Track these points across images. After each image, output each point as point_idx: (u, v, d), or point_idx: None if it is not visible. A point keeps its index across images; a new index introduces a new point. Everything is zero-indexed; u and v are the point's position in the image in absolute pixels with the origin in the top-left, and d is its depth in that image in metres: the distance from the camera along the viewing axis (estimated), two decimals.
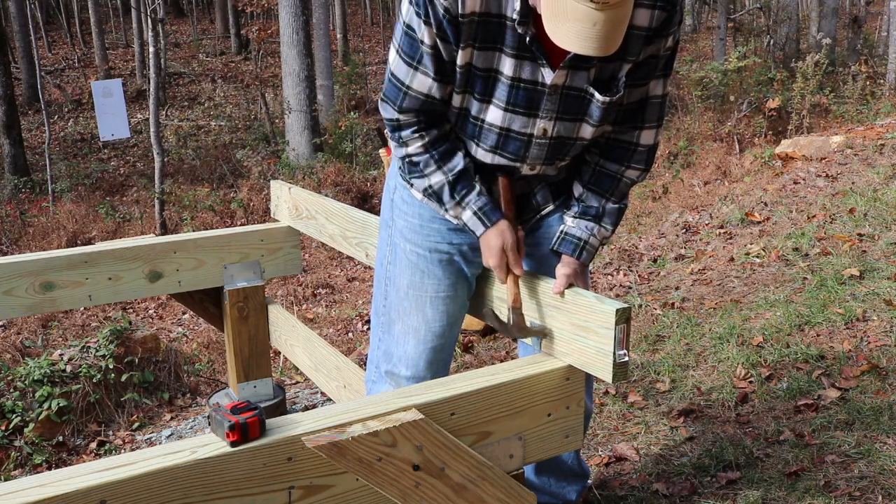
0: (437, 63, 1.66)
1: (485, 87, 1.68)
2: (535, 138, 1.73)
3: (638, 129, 1.80)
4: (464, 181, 1.77)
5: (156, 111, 9.53)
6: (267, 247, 2.95)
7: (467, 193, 1.77)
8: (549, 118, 1.70)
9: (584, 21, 1.41)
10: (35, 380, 3.74)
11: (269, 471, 1.41)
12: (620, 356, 1.60)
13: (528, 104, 1.68)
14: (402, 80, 1.71)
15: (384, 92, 1.77)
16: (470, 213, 1.77)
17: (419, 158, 1.77)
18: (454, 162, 1.77)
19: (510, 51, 1.63)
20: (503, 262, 1.77)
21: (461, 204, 1.77)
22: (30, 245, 9.06)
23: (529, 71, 1.65)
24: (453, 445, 1.55)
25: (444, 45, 1.63)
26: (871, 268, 3.86)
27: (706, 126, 10.40)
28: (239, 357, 3.02)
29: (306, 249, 8.14)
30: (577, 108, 1.70)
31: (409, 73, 1.69)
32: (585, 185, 1.85)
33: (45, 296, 2.56)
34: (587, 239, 1.82)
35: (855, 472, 2.29)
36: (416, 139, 1.75)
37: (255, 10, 14.99)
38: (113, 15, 25.26)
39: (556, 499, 2.17)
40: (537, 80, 1.66)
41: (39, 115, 14.29)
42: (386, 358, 2.00)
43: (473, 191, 1.77)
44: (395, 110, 1.74)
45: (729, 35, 13.98)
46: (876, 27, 17.22)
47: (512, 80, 1.65)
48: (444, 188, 1.77)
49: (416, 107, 1.72)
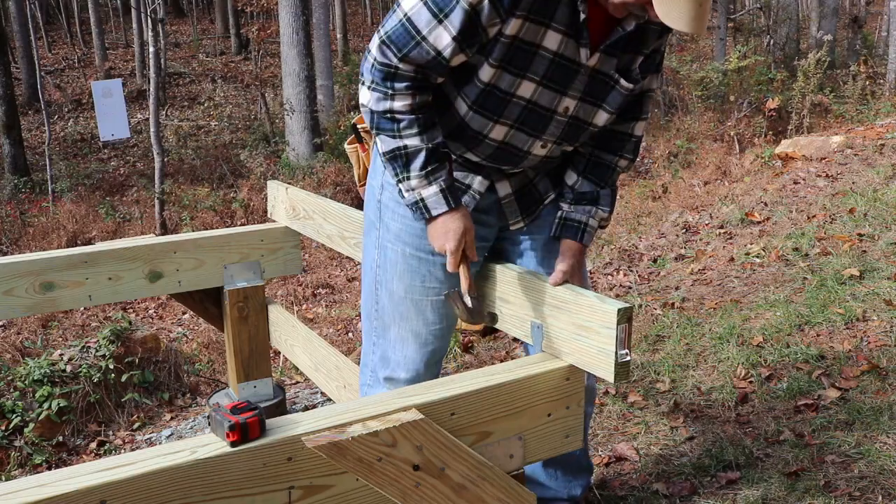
0: (469, 22, 1.58)
1: (523, 60, 1.67)
2: (556, 115, 1.75)
3: (635, 121, 1.87)
4: (440, 154, 1.71)
5: (156, 111, 9.53)
6: (267, 247, 2.95)
7: (440, 169, 1.71)
8: (575, 97, 1.73)
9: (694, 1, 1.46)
10: (35, 380, 3.74)
11: (268, 471, 1.41)
12: (622, 356, 1.60)
13: (561, 81, 1.71)
14: (420, 29, 1.60)
15: (389, 34, 1.64)
16: (436, 188, 1.70)
17: (403, 117, 1.67)
18: (435, 134, 1.70)
19: (559, 27, 1.63)
20: (461, 247, 1.73)
21: (430, 177, 1.70)
22: (30, 245, 9.06)
23: (571, 49, 1.67)
24: (453, 445, 1.55)
25: (490, 8, 1.56)
26: (871, 268, 3.86)
27: (706, 126, 10.40)
28: (239, 357, 3.01)
29: (306, 249, 8.14)
30: (601, 93, 1.75)
31: (432, 24, 1.59)
32: (581, 173, 1.89)
33: (45, 296, 2.56)
34: (587, 221, 1.86)
35: (855, 472, 2.29)
36: (407, 96, 1.66)
37: (255, 10, 15.00)
38: (113, 15, 25.26)
39: (562, 492, 2.17)
40: (575, 59, 1.68)
41: (39, 115, 14.29)
42: (383, 363, 1.99)
43: (445, 169, 1.72)
44: (396, 56, 1.63)
45: (729, 35, 13.98)
46: (876, 27, 17.22)
47: (554, 56, 1.67)
48: (420, 154, 1.68)
49: (421, 61, 1.63)
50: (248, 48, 19.47)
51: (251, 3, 14.33)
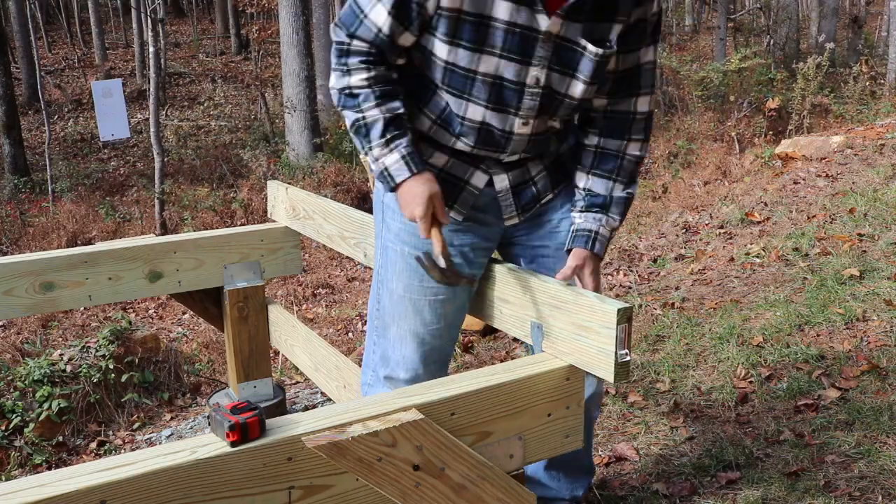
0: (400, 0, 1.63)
1: (476, 34, 1.65)
2: (528, 87, 1.71)
3: (634, 97, 1.79)
4: (398, 122, 1.73)
5: (156, 111, 9.53)
6: (267, 247, 2.95)
7: (399, 136, 1.72)
8: (542, 66, 1.68)
9: None
10: (35, 380, 3.74)
11: (269, 471, 1.41)
12: (622, 356, 1.60)
13: (521, 50, 1.66)
14: (362, 7, 1.69)
15: (340, 16, 1.74)
16: (397, 156, 1.72)
17: (360, 91, 1.72)
18: (394, 104, 1.73)
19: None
20: (429, 213, 1.72)
21: (389, 144, 1.72)
22: (30, 245, 9.06)
23: (525, 16, 1.62)
24: (453, 445, 1.55)
25: None
26: (871, 268, 3.86)
27: (706, 126, 10.40)
28: (239, 357, 3.01)
29: (306, 249, 8.14)
30: (570, 61, 1.69)
31: (372, 1, 1.67)
32: (589, 170, 1.84)
33: (45, 296, 2.56)
34: (597, 229, 1.81)
35: (855, 472, 2.29)
36: (362, 70, 1.71)
37: (255, 10, 14.99)
38: (113, 15, 25.27)
39: (564, 493, 2.16)
40: (532, 26, 1.63)
41: (39, 115, 14.29)
42: (383, 362, 1.99)
43: (405, 136, 1.73)
44: (345, 34, 1.71)
45: (729, 35, 13.98)
46: (876, 27, 17.22)
47: (507, 25, 1.63)
48: (377, 124, 1.72)
49: (368, 38, 1.69)
50: (248, 48, 19.48)
51: (251, 3, 14.33)
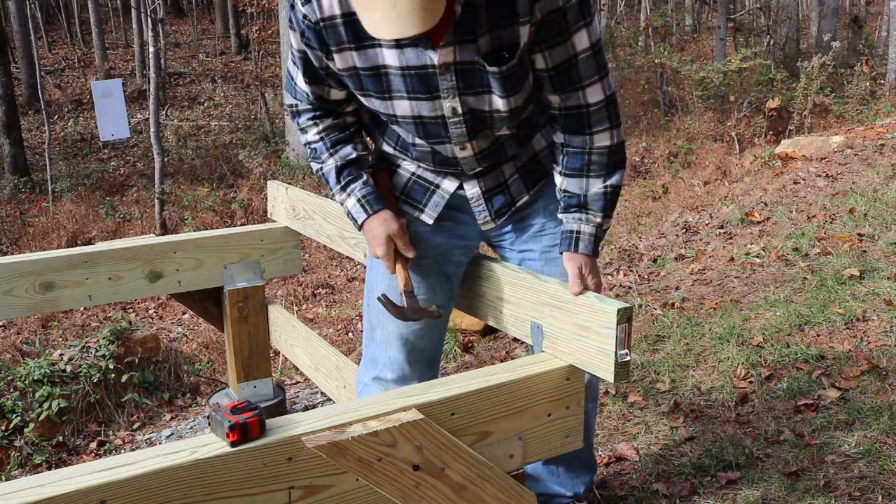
0: (305, 66, 1.74)
1: (379, 84, 1.66)
2: (448, 119, 1.69)
3: (580, 90, 1.68)
4: (351, 168, 1.84)
5: (156, 111, 9.53)
6: (267, 247, 2.94)
7: (353, 181, 1.83)
8: (452, 96, 1.65)
9: (384, 4, 1.39)
10: (35, 380, 3.74)
11: (269, 471, 1.41)
12: (622, 356, 1.60)
13: (426, 88, 1.64)
14: (292, 75, 1.82)
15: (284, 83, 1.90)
16: (354, 200, 1.82)
17: (316, 145, 1.85)
18: (345, 151, 1.84)
19: (387, 43, 1.59)
20: (390, 251, 1.80)
21: (346, 189, 1.83)
22: (30, 245, 9.06)
23: (414, 56, 1.60)
24: (453, 445, 1.55)
25: (311, 52, 1.70)
26: (871, 268, 3.86)
27: (706, 126, 10.40)
28: (239, 357, 3.01)
29: (306, 249, 8.14)
30: (478, 82, 1.63)
31: (294, 69, 1.80)
32: (562, 171, 1.80)
33: (45, 296, 2.56)
34: (578, 229, 1.77)
35: (855, 472, 2.29)
36: (312, 125, 1.85)
37: (255, 10, 14.99)
38: (113, 15, 25.26)
39: (566, 490, 2.16)
40: (426, 64, 1.60)
41: (39, 115, 14.29)
42: (371, 364, 2.00)
43: (360, 179, 1.83)
44: (291, 97, 1.86)
45: (729, 35, 13.98)
46: (876, 27, 17.22)
47: (401, 70, 1.63)
48: (332, 172, 1.84)
49: (304, 100, 1.83)
50: (248, 48, 19.47)
51: (251, 3, 14.33)
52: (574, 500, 2.17)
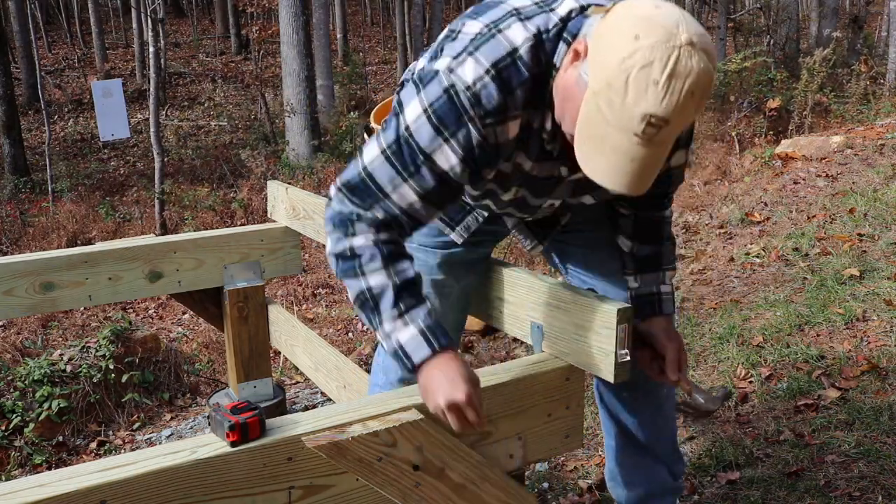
0: (438, 183, 1.46)
1: (503, 183, 1.61)
2: (543, 208, 1.71)
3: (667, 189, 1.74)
4: (412, 290, 1.50)
5: (156, 111, 9.53)
6: (267, 247, 2.95)
7: (414, 306, 1.49)
8: (558, 199, 1.68)
9: (622, 155, 1.30)
10: (35, 380, 3.74)
11: (269, 471, 1.41)
12: (622, 356, 1.60)
13: (540, 192, 1.64)
14: (382, 186, 1.47)
15: (349, 182, 1.51)
16: (414, 329, 1.47)
17: (363, 251, 1.48)
18: (404, 265, 1.51)
19: (532, 155, 1.54)
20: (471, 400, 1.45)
21: (404, 316, 1.48)
22: (30, 245, 9.06)
23: (547, 168, 1.58)
24: (453, 445, 1.55)
25: (466, 170, 1.46)
26: (871, 268, 3.86)
27: (706, 126, 10.39)
28: (239, 357, 3.01)
29: (306, 249, 8.14)
30: (587, 188, 1.63)
31: (395, 181, 1.47)
32: (632, 237, 1.78)
33: (45, 296, 2.56)
34: (658, 291, 1.77)
35: (855, 472, 2.29)
36: (369, 234, 1.49)
37: (255, 10, 14.99)
38: (113, 15, 25.26)
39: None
40: (553, 175, 1.60)
41: (39, 115, 14.28)
42: (391, 367, 1.98)
43: (423, 306, 1.50)
44: (359, 207, 1.49)
45: (729, 35, 13.98)
46: (876, 27, 17.22)
47: (528, 175, 1.58)
48: (387, 292, 1.47)
49: (382, 216, 1.49)
50: (248, 48, 19.45)
51: (251, 3, 14.31)
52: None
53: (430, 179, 1.46)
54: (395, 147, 1.46)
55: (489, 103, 1.41)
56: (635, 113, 1.25)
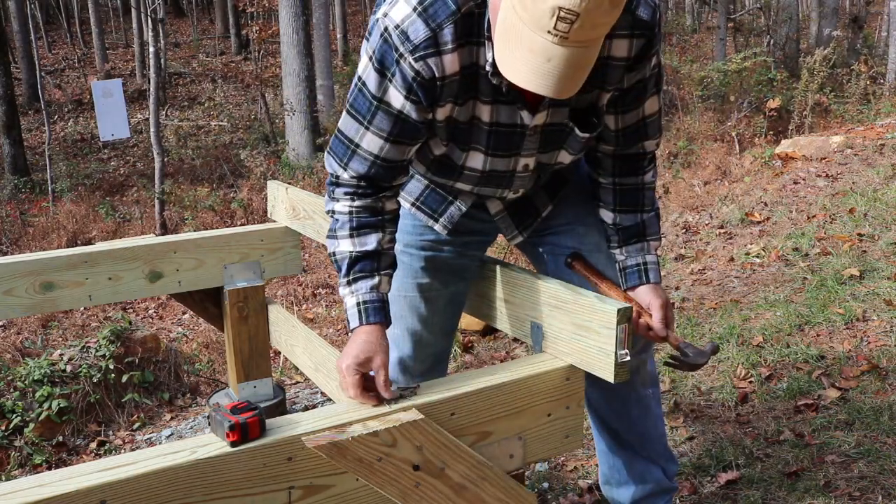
0: (396, 125, 1.56)
1: (464, 136, 1.63)
2: (518, 173, 1.71)
3: (641, 143, 1.77)
4: (366, 262, 1.63)
5: (156, 111, 9.53)
6: (267, 247, 2.94)
7: (361, 279, 1.62)
8: (530, 154, 1.67)
9: (539, 55, 1.30)
10: (35, 380, 3.74)
11: (269, 471, 1.41)
12: (622, 356, 1.60)
13: (508, 146, 1.64)
14: (351, 138, 1.61)
15: (331, 146, 1.66)
16: (354, 301, 1.61)
17: (339, 216, 1.65)
18: (367, 239, 1.64)
19: (485, 98, 1.56)
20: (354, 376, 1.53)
21: (352, 285, 1.62)
22: (30, 245, 9.06)
23: (507, 114, 1.59)
24: (453, 445, 1.55)
25: (415, 108, 1.53)
26: (871, 268, 3.86)
27: (706, 126, 10.40)
28: (239, 357, 3.01)
29: (306, 249, 8.14)
30: (558, 140, 1.66)
31: (360, 130, 1.59)
32: (614, 208, 1.80)
33: (45, 296, 2.56)
34: (644, 260, 1.79)
35: (855, 472, 2.29)
36: (346, 200, 1.64)
37: (256, 10, 14.98)
38: (113, 15, 25.26)
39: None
40: (516, 123, 1.60)
41: (39, 115, 14.29)
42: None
43: (370, 280, 1.62)
44: (340, 166, 1.64)
45: (729, 35, 13.98)
46: (876, 27, 17.22)
47: (490, 126, 1.60)
48: (346, 260, 1.63)
49: (362, 169, 1.62)
50: (248, 48, 19.45)
51: (251, 3, 14.32)
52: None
53: (388, 122, 1.56)
54: (353, 99, 1.59)
55: (416, 37, 1.46)
56: (545, 8, 1.26)
